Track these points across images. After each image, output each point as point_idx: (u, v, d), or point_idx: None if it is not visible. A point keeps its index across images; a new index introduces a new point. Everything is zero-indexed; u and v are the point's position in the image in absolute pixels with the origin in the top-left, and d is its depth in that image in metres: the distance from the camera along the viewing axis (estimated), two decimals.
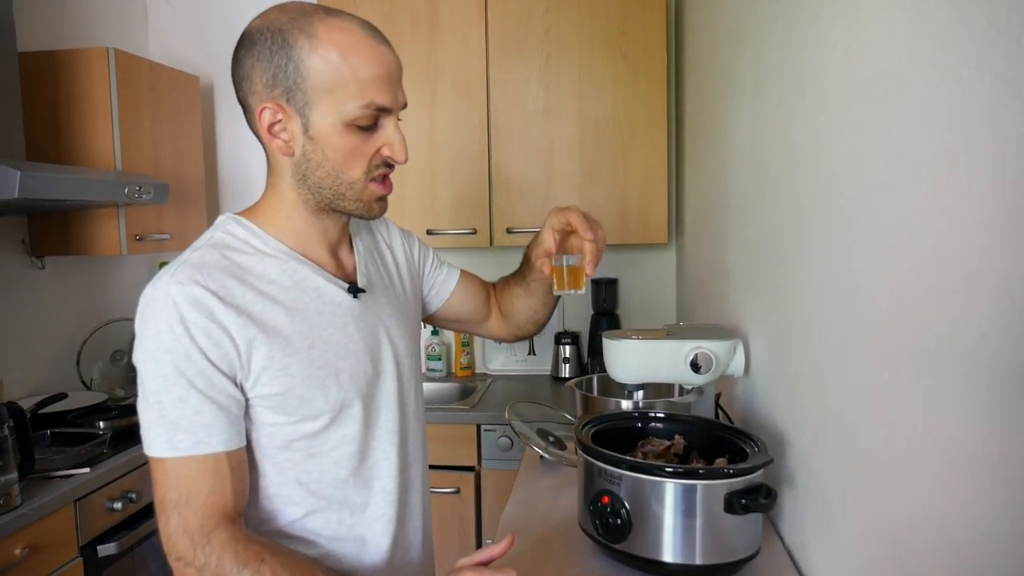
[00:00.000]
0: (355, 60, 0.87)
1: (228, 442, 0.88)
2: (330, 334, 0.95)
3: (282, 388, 0.90)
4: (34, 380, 2.35)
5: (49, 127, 2.25)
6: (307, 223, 0.98)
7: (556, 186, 2.47)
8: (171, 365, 0.85)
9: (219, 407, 0.87)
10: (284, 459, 0.94)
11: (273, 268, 0.94)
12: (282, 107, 0.89)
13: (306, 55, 0.87)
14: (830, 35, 0.93)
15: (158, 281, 0.87)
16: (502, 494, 2.20)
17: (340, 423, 0.96)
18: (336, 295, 0.98)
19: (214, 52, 2.88)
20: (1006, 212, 0.54)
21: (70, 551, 1.73)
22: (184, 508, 0.85)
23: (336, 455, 0.97)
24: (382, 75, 0.89)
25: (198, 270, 0.88)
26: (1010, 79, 0.53)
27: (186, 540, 0.85)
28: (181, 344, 0.85)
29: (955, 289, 0.62)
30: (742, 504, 0.96)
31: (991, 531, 0.58)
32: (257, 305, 0.90)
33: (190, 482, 0.86)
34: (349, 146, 0.90)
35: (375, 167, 0.94)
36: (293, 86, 0.88)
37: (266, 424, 0.92)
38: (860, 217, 0.84)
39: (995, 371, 0.56)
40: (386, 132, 0.92)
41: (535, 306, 1.31)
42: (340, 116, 0.88)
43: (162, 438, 0.85)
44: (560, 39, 2.42)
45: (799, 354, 1.09)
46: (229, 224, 0.97)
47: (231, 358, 0.87)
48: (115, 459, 1.91)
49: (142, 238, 2.39)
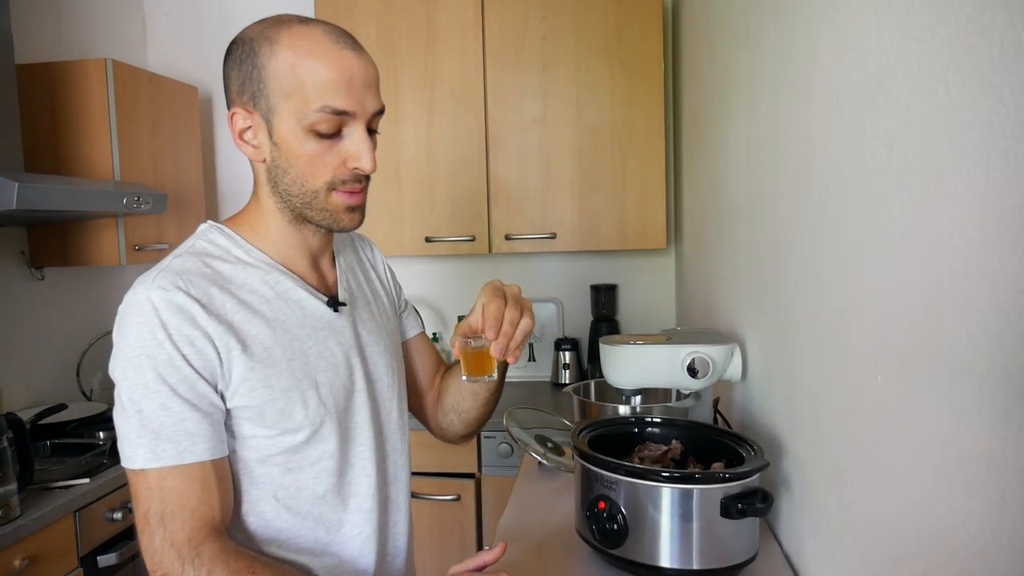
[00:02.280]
0: (312, 64, 0.87)
1: (213, 451, 0.86)
2: (310, 347, 0.94)
3: (261, 400, 0.89)
4: (34, 391, 2.35)
5: (47, 138, 2.26)
6: (286, 233, 0.97)
7: (554, 193, 2.47)
8: (152, 372, 0.82)
9: (203, 414, 0.85)
10: (262, 474, 0.92)
11: (255, 278, 0.93)
12: (250, 113, 0.90)
13: (267, 61, 0.87)
14: (820, 40, 0.94)
15: (138, 287, 0.85)
16: (503, 501, 2.20)
17: (320, 438, 0.94)
18: (317, 308, 0.97)
19: (212, 63, 2.89)
20: (992, 215, 0.55)
21: (70, 562, 1.73)
22: (170, 521, 0.83)
23: (314, 470, 0.95)
24: (341, 79, 0.87)
25: (180, 276, 0.87)
26: (994, 82, 0.54)
27: (173, 555, 0.82)
28: (163, 350, 0.83)
29: (945, 292, 0.62)
30: (738, 508, 0.96)
31: (984, 533, 0.58)
32: (238, 315, 0.89)
33: (175, 494, 0.83)
34: (310, 153, 0.89)
35: (341, 179, 0.91)
36: (257, 92, 0.89)
37: (245, 437, 0.91)
38: (851, 222, 0.84)
39: (985, 373, 0.57)
40: (351, 140, 0.90)
41: (463, 392, 1.15)
42: (299, 122, 0.88)
43: (144, 448, 0.83)
44: (557, 47, 2.44)
45: (794, 358, 1.09)
46: (211, 233, 0.96)
47: (213, 366, 0.86)
48: (115, 469, 1.90)
49: (141, 248, 2.40)
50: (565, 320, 2.80)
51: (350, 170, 0.91)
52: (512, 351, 0.94)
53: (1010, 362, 0.53)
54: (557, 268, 2.82)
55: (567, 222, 2.48)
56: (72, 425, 2.14)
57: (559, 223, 2.48)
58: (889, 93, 0.73)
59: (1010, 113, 0.52)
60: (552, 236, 2.47)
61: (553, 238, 2.48)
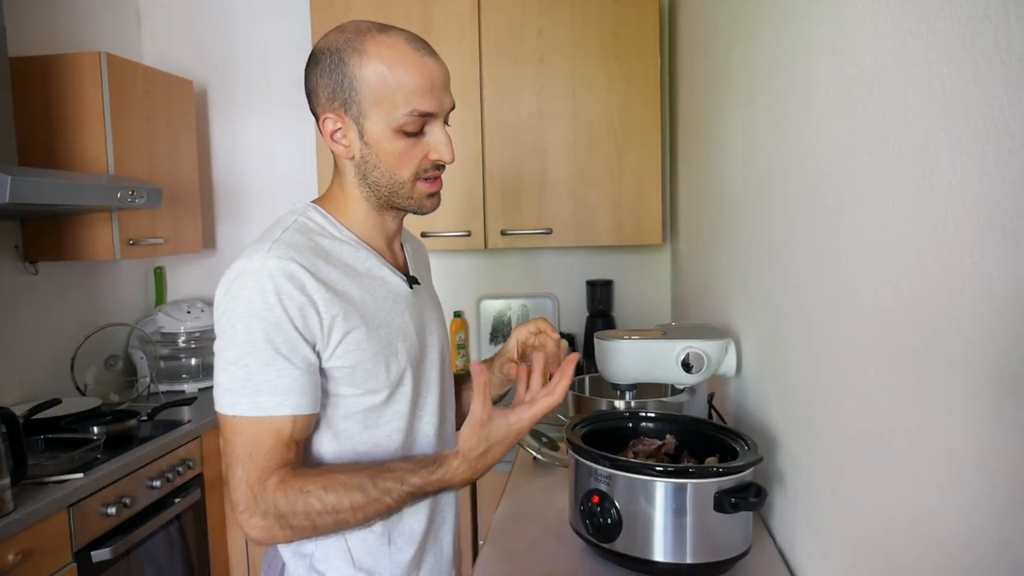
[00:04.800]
0: (399, 72, 0.97)
1: (300, 406, 0.95)
2: (392, 318, 1.04)
3: (354, 361, 0.98)
4: (28, 386, 2.34)
5: (41, 132, 2.24)
6: (369, 217, 1.07)
7: (550, 188, 2.47)
8: (261, 332, 0.92)
9: (301, 372, 0.94)
10: (344, 429, 1.02)
11: (348, 253, 1.03)
12: (341, 117, 1.00)
13: (358, 70, 0.98)
14: (817, 34, 0.94)
15: (254, 255, 0.95)
16: (498, 495, 2.19)
17: (394, 399, 1.04)
18: (397, 284, 1.08)
19: (208, 56, 2.87)
20: (986, 209, 0.55)
21: (64, 557, 1.72)
22: (247, 463, 0.93)
23: (388, 429, 1.04)
24: (425, 84, 0.98)
25: (292, 248, 0.97)
26: (988, 75, 0.53)
27: (246, 491, 0.93)
28: (273, 313, 0.93)
29: (937, 287, 0.62)
30: (731, 503, 0.96)
31: (973, 526, 0.58)
32: (340, 284, 0.99)
33: (258, 440, 0.93)
34: (398, 150, 1.00)
35: (424, 169, 1.02)
36: (349, 98, 0.99)
37: (333, 395, 1.00)
38: (846, 216, 0.84)
39: (976, 368, 0.57)
40: (433, 136, 1.02)
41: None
42: (389, 124, 0.98)
43: (247, 399, 0.93)
44: (553, 42, 2.43)
45: (788, 353, 1.09)
46: (309, 211, 1.06)
47: (314, 330, 0.95)
48: (109, 464, 1.90)
49: (136, 243, 2.39)
50: (561, 315, 2.80)
51: (432, 162, 1.02)
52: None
53: (1000, 356, 0.53)
54: (553, 263, 2.82)
55: (563, 217, 2.47)
56: (66, 420, 2.13)
57: (555, 218, 2.47)
58: (884, 87, 0.72)
59: (1004, 107, 0.52)
60: (548, 231, 2.47)
61: (549, 233, 2.47)
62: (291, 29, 2.74)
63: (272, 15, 2.80)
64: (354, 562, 1.03)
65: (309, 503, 0.92)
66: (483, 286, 2.85)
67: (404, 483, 0.93)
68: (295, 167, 2.84)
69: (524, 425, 0.95)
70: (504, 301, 2.81)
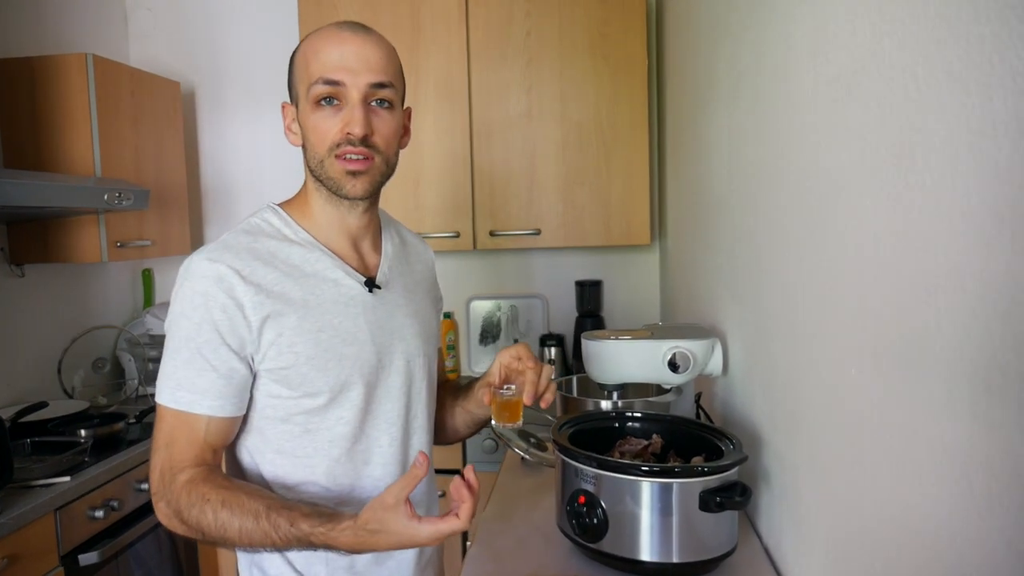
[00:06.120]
0: (316, 46, 1.01)
1: (215, 408, 0.97)
2: (340, 322, 1.03)
3: (287, 363, 0.99)
4: (14, 389, 2.33)
5: (27, 134, 2.23)
6: (325, 212, 1.07)
7: (539, 189, 2.47)
8: (186, 331, 0.97)
9: (218, 375, 0.97)
10: (283, 431, 1.03)
11: (297, 255, 1.04)
12: (289, 107, 1.07)
13: (294, 58, 1.05)
14: (797, 35, 0.94)
15: (194, 256, 0.99)
16: (486, 496, 2.20)
17: (337, 404, 1.03)
18: (352, 287, 1.06)
19: (195, 57, 2.86)
20: (960, 209, 0.55)
21: (51, 560, 1.72)
22: (163, 451, 0.97)
23: (331, 435, 1.04)
24: (335, 54, 0.99)
25: (228, 250, 0.99)
26: (961, 77, 0.54)
27: (159, 477, 0.97)
28: (197, 313, 0.96)
29: (916, 286, 0.63)
30: (717, 502, 0.96)
31: (953, 523, 0.58)
32: (276, 286, 1.00)
33: (175, 432, 0.97)
34: (313, 123, 1.01)
35: (336, 144, 1.01)
36: (290, 87, 1.06)
37: (270, 396, 1.02)
38: (828, 216, 0.84)
39: (954, 367, 0.57)
40: (347, 108, 1.00)
41: (463, 419, 1.26)
42: (308, 98, 1.00)
43: (168, 390, 0.98)
44: (541, 42, 2.43)
45: (774, 352, 1.10)
46: (266, 212, 1.08)
47: (242, 333, 0.97)
48: (96, 467, 1.89)
49: (123, 245, 2.37)
50: (550, 316, 2.80)
51: (344, 136, 1.00)
52: (544, 396, 1.08)
53: (977, 355, 0.54)
54: (542, 264, 2.82)
55: (552, 218, 2.47)
56: (53, 423, 2.12)
57: (544, 219, 2.48)
58: (862, 86, 0.73)
59: (975, 108, 0.52)
60: (537, 232, 2.47)
61: (538, 234, 2.47)
62: (279, 31, 2.74)
63: (259, 17, 2.79)
64: (289, 562, 1.05)
65: (204, 512, 0.93)
66: (472, 287, 2.85)
67: (293, 524, 0.90)
68: (283, 168, 2.82)
69: (421, 537, 0.90)
70: (494, 302, 2.81)
